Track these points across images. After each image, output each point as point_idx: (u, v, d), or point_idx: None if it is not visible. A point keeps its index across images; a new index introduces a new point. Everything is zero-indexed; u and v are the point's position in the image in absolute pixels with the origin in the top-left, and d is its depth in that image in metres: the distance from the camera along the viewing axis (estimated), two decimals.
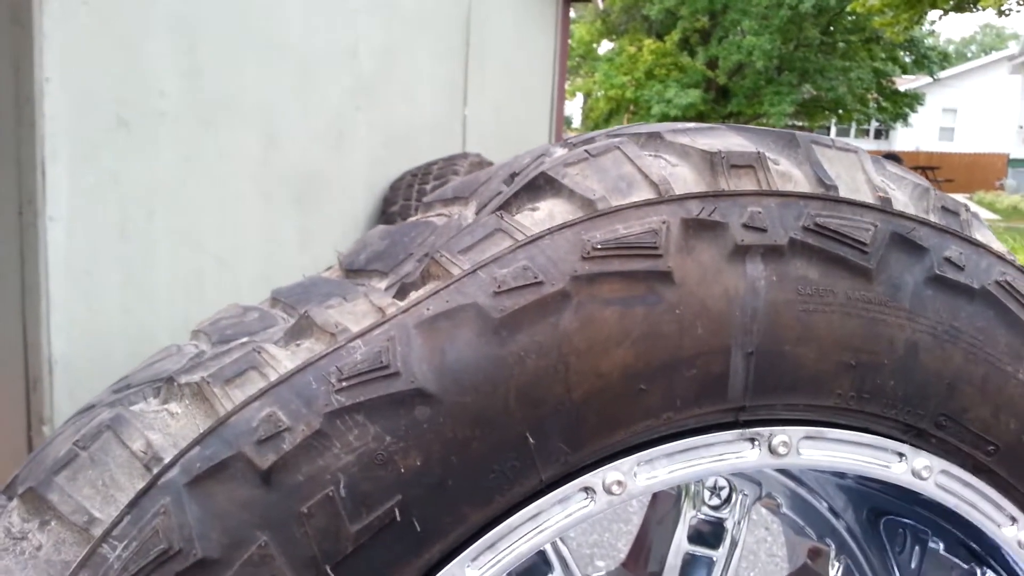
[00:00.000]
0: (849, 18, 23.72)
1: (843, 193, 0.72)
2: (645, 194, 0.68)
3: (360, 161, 4.43)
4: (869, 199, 0.73)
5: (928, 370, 0.74)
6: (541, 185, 0.69)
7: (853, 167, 0.75)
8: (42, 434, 2.72)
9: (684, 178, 0.70)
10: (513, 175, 0.75)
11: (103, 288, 2.89)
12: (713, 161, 0.70)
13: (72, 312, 2.75)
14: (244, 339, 0.70)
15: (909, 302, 0.72)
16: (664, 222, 0.67)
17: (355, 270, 0.73)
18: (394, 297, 0.66)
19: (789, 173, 0.72)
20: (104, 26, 2.79)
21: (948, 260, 0.74)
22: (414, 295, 0.65)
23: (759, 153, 0.71)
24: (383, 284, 0.69)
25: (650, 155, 0.71)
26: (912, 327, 0.72)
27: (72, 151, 2.69)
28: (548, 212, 0.67)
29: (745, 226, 0.68)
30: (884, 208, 0.73)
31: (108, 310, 2.92)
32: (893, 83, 26.71)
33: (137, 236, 3.00)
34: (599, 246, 0.66)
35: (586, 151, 0.70)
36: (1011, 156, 28.70)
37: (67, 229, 2.70)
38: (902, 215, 0.73)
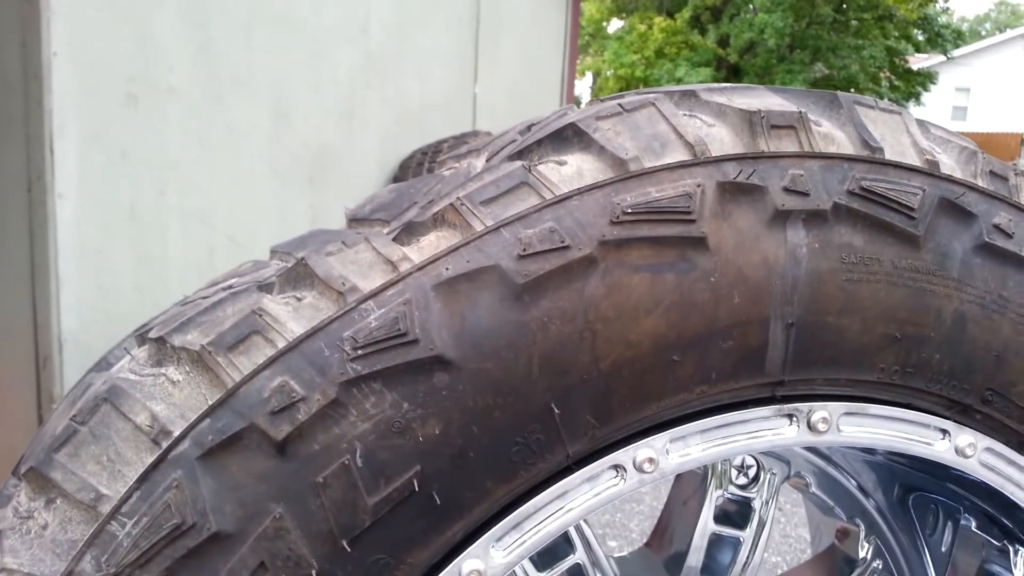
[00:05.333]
0: None
1: (888, 156, 0.69)
2: (679, 155, 0.65)
3: (371, 139, 4.39)
4: (916, 162, 0.69)
5: (975, 342, 0.70)
6: (569, 137, 0.66)
7: (898, 129, 0.71)
8: (52, 412, 2.71)
9: (721, 139, 0.66)
10: (530, 126, 0.72)
11: (113, 266, 2.87)
12: (752, 121, 0.66)
13: (82, 290, 2.74)
14: (232, 281, 0.66)
15: (957, 271, 0.69)
16: (699, 185, 0.64)
17: (358, 219, 0.70)
18: (397, 239, 0.62)
19: (832, 135, 0.68)
20: (112, 0, 2.75)
21: (997, 227, 0.71)
22: (424, 242, 0.61)
23: (801, 113, 0.67)
24: (385, 231, 0.65)
25: (685, 114, 0.67)
26: (960, 297, 0.69)
27: (80, 127, 2.66)
28: (576, 168, 0.64)
29: (786, 190, 0.65)
30: (932, 172, 0.69)
31: (119, 288, 2.90)
32: (906, 62, 26.38)
33: (148, 214, 2.97)
34: (629, 210, 0.62)
35: (619, 105, 0.67)
36: None
37: (76, 207, 2.68)
38: (950, 179, 0.69)
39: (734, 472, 0.97)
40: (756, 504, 0.97)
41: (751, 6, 23.71)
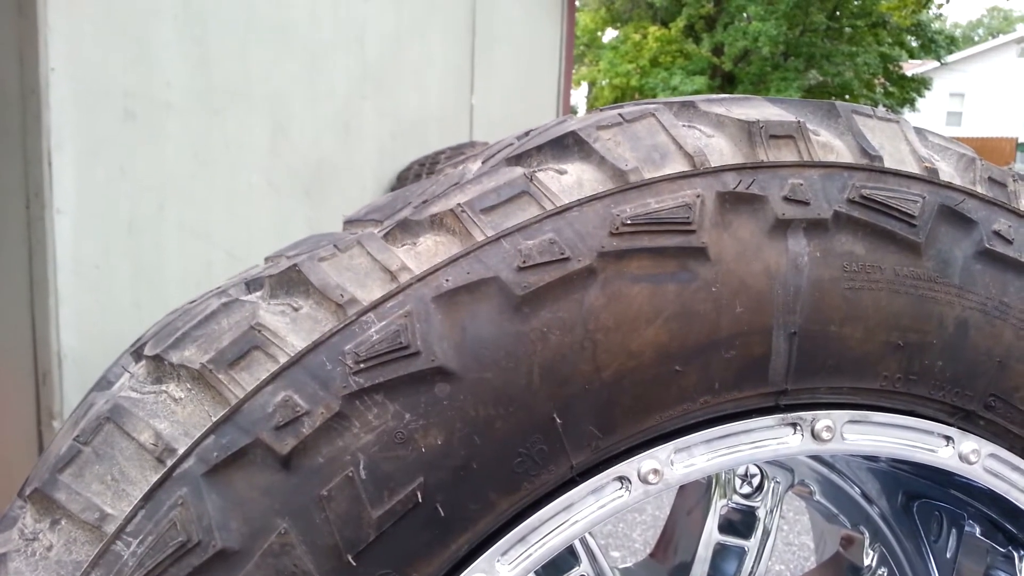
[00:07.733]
0: (855, 2, 23.50)
1: (887, 164, 0.69)
2: (679, 166, 0.65)
3: (369, 151, 4.40)
4: (915, 170, 0.69)
5: (978, 349, 0.70)
6: (569, 145, 0.66)
7: (896, 137, 0.72)
8: (51, 428, 2.70)
9: (720, 149, 0.66)
10: (528, 132, 0.72)
11: (112, 282, 2.87)
12: (751, 131, 0.67)
13: (81, 306, 2.73)
14: (221, 285, 0.67)
15: (958, 278, 0.69)
16: (698, 196, 0.64)
17: (353, 221, 0.70)
18: (390, 236, 0.61)
19: (831, 144, 0.68)
20: (109, 16, 2.76)
21: (997, 233, 0.71)
22: (421, 247, 0.61)
23: (799, 122, 0.67)
24: (377, 230, 0.65)
25: (684, 125, 0.68)
26: (961, 304, 0.69)
27: (78, 143, 2.66)
28: (577, 178, 0.64)
29: (786, 199, 0.65)
30: (931, 179, 0.69)
31: (118, 304, 2.90)
32: (900, 68, 26.45)
33: (146, 229, 2.97)
34: (629, 221, 0.62)
35: (620, 115, 0.67)
36: (1020, 140, 28.50)
37: (75, 222, 2.67)
38: (950, 186, 0.70)
39: (738, 481, 0.97)
40: (760, 513, 0.97)
41: (745, 14, 23.79)
